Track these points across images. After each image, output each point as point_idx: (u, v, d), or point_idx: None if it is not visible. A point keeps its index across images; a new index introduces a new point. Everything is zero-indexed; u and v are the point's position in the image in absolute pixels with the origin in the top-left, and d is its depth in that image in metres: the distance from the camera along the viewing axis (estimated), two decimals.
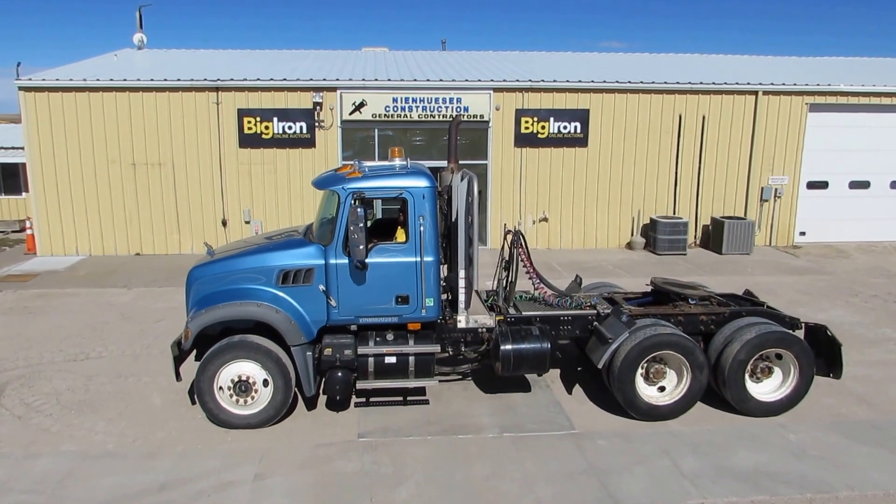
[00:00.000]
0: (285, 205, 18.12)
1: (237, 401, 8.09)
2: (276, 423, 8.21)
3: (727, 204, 19.69)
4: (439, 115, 18.06)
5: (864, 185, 20.45)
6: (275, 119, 17.82)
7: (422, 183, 8.17)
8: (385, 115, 17.96)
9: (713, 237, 19.19)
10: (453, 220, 8.49)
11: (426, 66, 21.29)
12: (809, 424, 8.35)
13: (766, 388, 8.74)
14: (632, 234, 19.43)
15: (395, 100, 17.91)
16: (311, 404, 8.75)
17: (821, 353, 8.85)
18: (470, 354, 8.94)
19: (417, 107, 17.99)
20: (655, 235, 18.59)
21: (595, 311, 9.11)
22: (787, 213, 20.06)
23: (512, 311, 9.10)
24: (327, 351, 8.20)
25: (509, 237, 9.22)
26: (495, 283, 9.50)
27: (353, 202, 7.73)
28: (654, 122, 19.07)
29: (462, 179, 8.30)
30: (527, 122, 18.52)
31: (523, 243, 9.16)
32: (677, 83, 19.01)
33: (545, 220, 18.98)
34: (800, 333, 8.98)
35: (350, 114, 17.90)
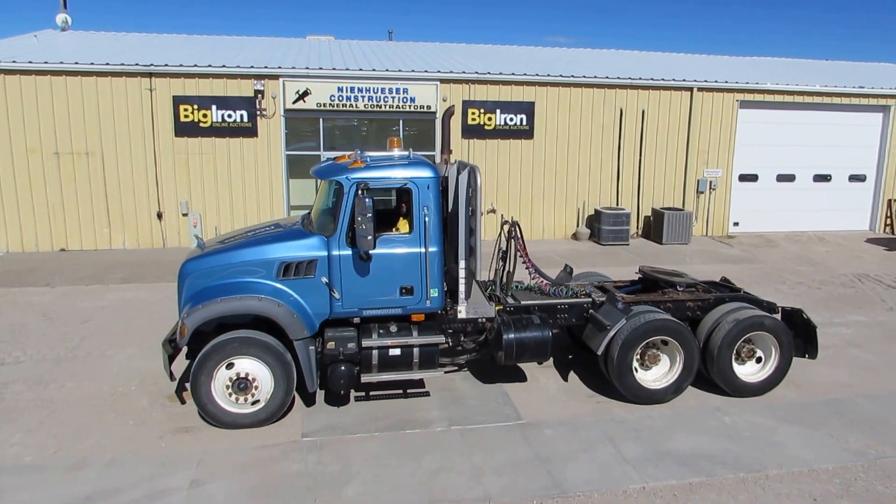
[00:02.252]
0: (226, 196, 17.73)
1: (236, 399, 7.80)
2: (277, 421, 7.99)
3: (667, 195, 20.31)
4: (386, 106, 18.00)
5: (790, 178, 21.42)
6: (213, 107, 17.31)
7: (426, 173, 8.12)
8: (330, 104, 17.77)
9: (654, 228, 19.79)
10: (450, 210, 8.49)
11: (373, 55, 21.16)
12: (742, 407, 8.71)
13: (751, 370, 9.20)
14: (577, 225, 19.85)
15: (340, 89, 17.74)
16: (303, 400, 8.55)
17: (797, 334, 9.34)
18: (469, 345, 8.95)
19: (363, 97, 17.87)
20: (600, 226, 19.04)
21: (590, 300, 9.32)
22: (722, 205, 20.84)
23: (510, 300, 9.18)
24: (330, 344, 7.99)
25: (506, 227, 9.28)
26: (491, 273, 9.56)
27: (358, 192, 7.55)
28: (596, 115, 19.49)
29: (463, 170, 8.26)
30: (473, 113, 18.65)
31: (519, 234, 9.23)
32: (618, 78, 19.45)
33: (493, 211, 19.18)
34: (777, 317, 9.45)
35: (294, 103, 17.63)
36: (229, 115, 17.42)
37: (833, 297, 14.05)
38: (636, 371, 8.76)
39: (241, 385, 7.76)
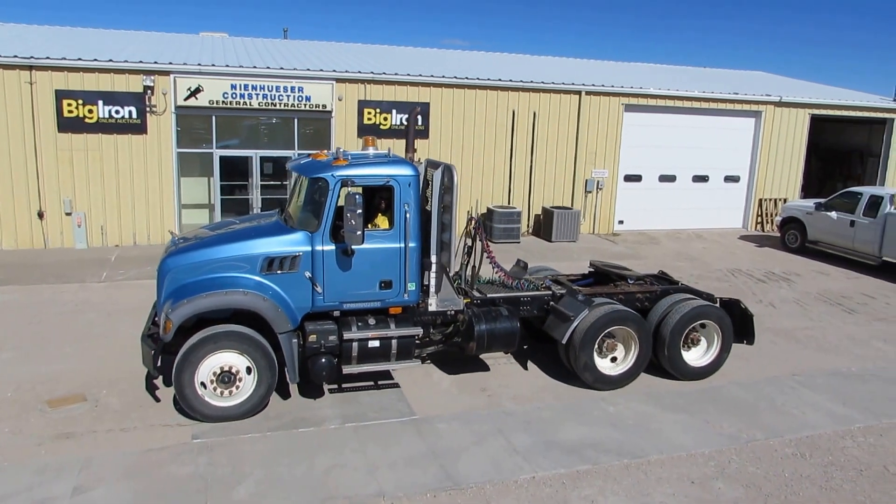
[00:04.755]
0: (113, 194, 17.09)
1: (221, 393, 7.88)
2: (250, 417, 8.09)
3: (556, 195, 21.10)
4: (280, 104, 17.87)
5: (671, 178, 22.71)
6: (100, 102, 16.63)
7: (407, 171, 8.43)
8: (223, 101, 17.46)
9: (544, 226, 20.51)
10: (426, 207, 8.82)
11: (267, 53, 20.92)
12: (626, 396, 9.24)
13: (696, 355, 9.99)
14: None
15: (234, 87, 17.46)
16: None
17: (735, 322, 10.14)
18: (436, 336, 9.23)
19: (258, 94, 17.66)
20: (492, 224, 19.58)
21: (550, 292, 9.85)
22: (608, 204, 21.86)
23: (476, 293, 9.57)
24: (312, 337, 8.18)
25: (471, 224, 9.67)
26: (457, 267, 9.85)
27: (346, 190, 7.81)
28: (490, 116, 20.04)
29: (435, 169, 8.60)
30: (369, 113, 18.79)
31: (482, 230, 9.70)
32: (511, 81, 20.05)
33: None
34: (718, 307, 10.23)
35: (185, 99, 17.21)
36: (117, 111, 16.82)
37: (709, 291, 15.02)
38: (596, 358, 9.35)
39: (225, 378, 7.90)
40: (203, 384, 7.88)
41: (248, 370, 8.01)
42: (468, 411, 8.67)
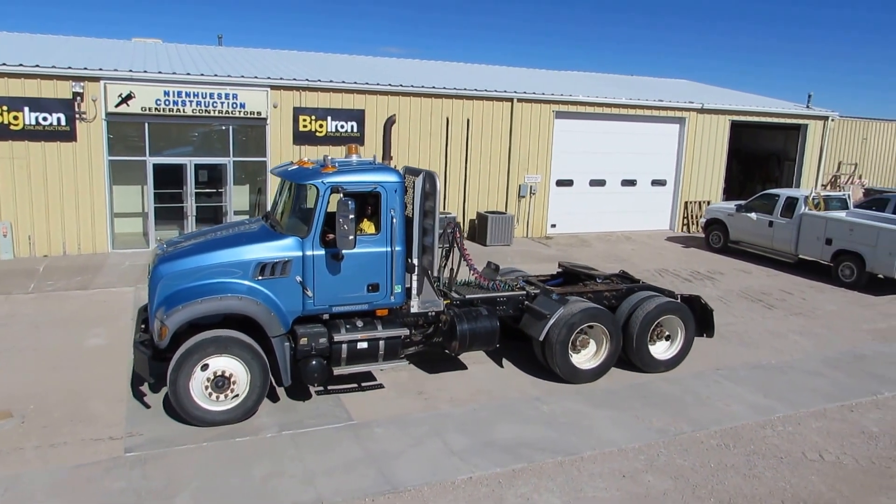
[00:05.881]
0: (41, 203, 16.57)
1: (216, 397, 7.91)
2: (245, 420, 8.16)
3: (491, 200, 21.48)
4: (215, 111, 17.68)
5: (601, 182, 23.41)
6: (26, 109, 16.09)
7: (393, 178, 8.71)
8: (156, 108, 17.15)
9: (479, 230, 20.85)
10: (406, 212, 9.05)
11: (201, 60, 20.64)
12: (559, 396, 9.52)
13: (662, 349, 10.50)
14: None
15: (167, 93, 17.18)
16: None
17: (696, 317, 10.69)
18: (417, 337, 9.44)
19: (192, 101, 17.42)
20: None
21: (525, 292, 10.26)
22: (541, 208, 22.38)
23: (454, 294, 9.84)
24: (303, 340, 8.35)
25: (448, 227, 9.87)
26: (436, 269, 9.97)
27: (338, 196, 8.02)
28: (424, 123, 20.27)
29: (416, 176, 8.86)
30: (305, 120, 18.78)
31: (459, 233, 9.98)
32: (444, 88, 20.35)
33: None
34: (680, 302, 10.73)
35: (116, 106, 16.82)
36: (45, 118, 16.32)
37: None
38: (571, 354, 9.75)
39: (219, 383, 7.98)
40: (198, 389, 7.99)
41: (243, 375, 8.16)
42: (405, 415, 8.76)
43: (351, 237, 8.04)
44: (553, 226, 22.72)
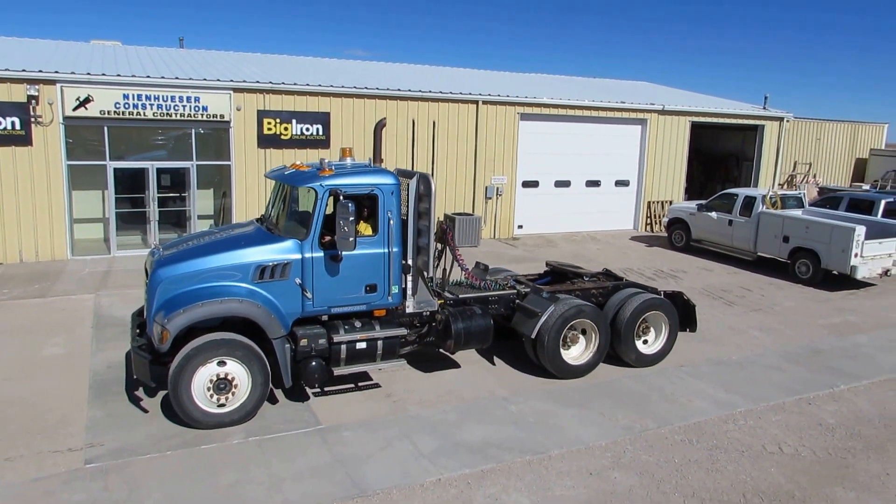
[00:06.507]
0: None
1: (217, 400, 7.89)
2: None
3: (458, 201, 21.54)
4: (177, 115, 17.46)
5: (566, 184, 23.67)
6: None
7: (390, 181, 8.86)
8: (116, 112, 16.86)
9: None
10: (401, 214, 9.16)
11: (162, 62, 20.38)
12: (526, 395, 9.59)
13: (646, 344, 10.75)
14: None
15: (126, 97, 16.91)
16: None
17: (679, 312, 10.96)
18: (412, 337, 9.54)
19: (152, 105, 17.17)
20: None
21: (516, 291, 10.45)
22: (508, 209, 22.55)
23: (447, 294, 9.96)
24: (303, 342, 8.43)
25: (441, 227, 10.02)
26: (431, 269, 10.02)
27: (338, 198, 8.10)
28: (390, 125, 20.07)
29: (410, 178, 8.98)
30: (269, 123, 18.65)
31: (452, 234, 10.12)
32: (410, 90, 20.38)
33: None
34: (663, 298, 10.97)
35: (74, 110, 16.52)
36: None
37: None
38: (562, 350, 9.94)
39: (221, 385, 7.98)
40: (199, 391, 7.98)
41: (244, 377, 8.17)
42: (374, 418, 8.73)
43: (351, 239, 8.20)
44: (520, 227, 22.90)
